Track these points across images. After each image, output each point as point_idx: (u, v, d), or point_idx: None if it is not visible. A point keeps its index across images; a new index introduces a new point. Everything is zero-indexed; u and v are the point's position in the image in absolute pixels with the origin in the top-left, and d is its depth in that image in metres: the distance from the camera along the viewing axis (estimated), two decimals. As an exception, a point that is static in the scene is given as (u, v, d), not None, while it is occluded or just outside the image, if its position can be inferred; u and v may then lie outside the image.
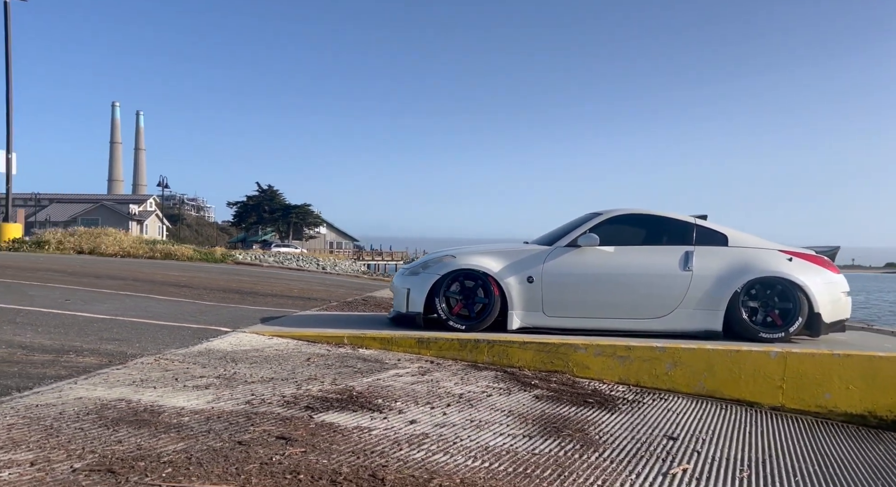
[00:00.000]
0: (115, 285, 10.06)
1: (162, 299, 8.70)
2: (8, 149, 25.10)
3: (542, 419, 4.26)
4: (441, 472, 2.97)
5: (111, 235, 22.94)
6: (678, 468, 3.58)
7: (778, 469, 3.88)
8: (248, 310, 8.22)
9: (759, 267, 6.36)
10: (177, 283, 11.25)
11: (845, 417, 5.87)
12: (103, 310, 6.99)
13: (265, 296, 10.39)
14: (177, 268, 15.29)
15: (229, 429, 3.24)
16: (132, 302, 7.99)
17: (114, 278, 11.25)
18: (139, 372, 4.27)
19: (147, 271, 13.25)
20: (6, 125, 25.19)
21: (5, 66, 25.44)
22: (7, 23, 25.57)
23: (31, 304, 7.09)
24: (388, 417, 3.84)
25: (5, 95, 25.15)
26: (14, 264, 12.88)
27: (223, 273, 14.72)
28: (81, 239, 22.40)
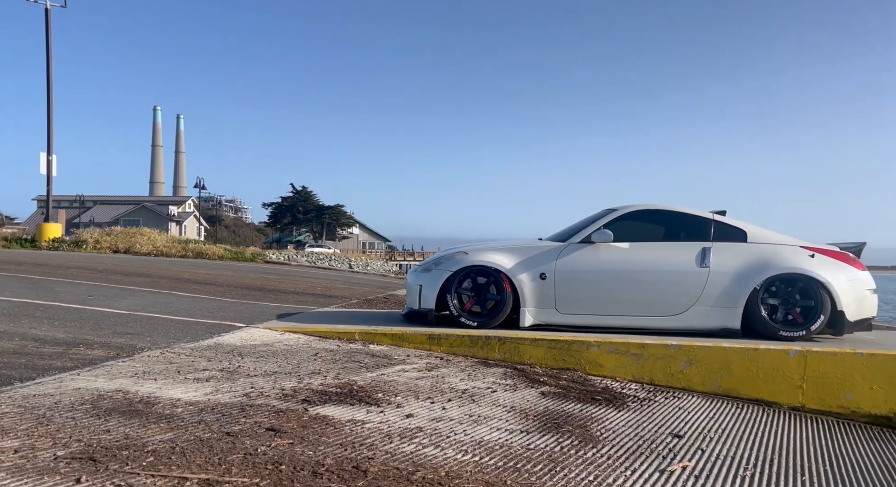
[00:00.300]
0: (141, 282, 10.20)
1: (184, 295, 8.79)
2: (48, 151, 25.68)
3: (543, 415, 4.19)
4: (427, 465, 2.93)
5: (146, 234, 23.35)
6: (677, 465, 3.49)
7: (785, 468, 3.76)
8: (267, 307, 8.26)
9: (779, 264, 6.20)
10: (202, 280, 11.37)
11: (869, 418, 5.69)
12: (123, 306, 7.08)
13: (287, 294, 10.44)
14: (206, 266, 15.47)
15: (221, 420, 3.24)
16: (154, 298, 8.08)
17: (141, 275, 11.41)
18: (143, 365, 4.30)
19: (175, 270, 13.42)
20: (47, 129, 25.78)
21: (46, 71, 26.04)
22: (48, 29, 26.18)
23: (55, 299, 7.21)
24: (385, 411, 3.81)
25: (46, 100, 25.76)
26: (49, 263, 13.14)
27: (250, 272, 14.84)
28: (117, 239, 22.84)
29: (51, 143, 25.56)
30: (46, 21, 26.06)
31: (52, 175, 25.54)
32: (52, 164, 25.55)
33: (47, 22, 26.06)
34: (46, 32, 26.10)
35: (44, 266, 11.92)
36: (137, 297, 8.08)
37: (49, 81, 25.94)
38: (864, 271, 6.37)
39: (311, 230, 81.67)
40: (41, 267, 11.62)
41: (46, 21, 26.06)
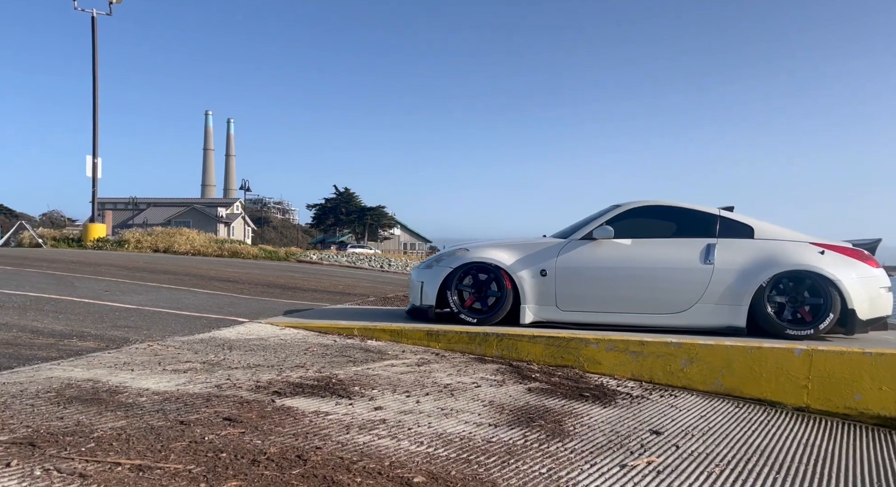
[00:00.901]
0: (164, 279, 10.41)
1: (201, 292, 8.94)
2: (94, 154, 26.42)
3: (520, 409, 4.15)
4: (375, 455, 2.92)
5: (184, 234, 23.81)
6: (643, 460, 3.42)
7: (761, 466, 3.65)
8: (281, 303, 8.35)
9: (786, 260, 6.04)
10: (226, 278, 11.55)
11: (878, 420, 5.50)
12: (135, 301, 7.23)
13: (306, 291, 10.54)
14: (236, 265, 15.72)
15: (181, 410, 3.28)
16: (169, 294, 8.24)
17: (167, 273, 11.65)
18: (127, 356, 4.38)
19: (203, 268, 13.66)
20: (92, 133, 26.52)
21: (92, 77, 26.79)
22: (94, 36, 26.93)
23: (71, 294, 7.40)
24: (355, 403, 3.81)
25: (92, 105, 26.51)
26: (84, 260, 13.50)
27: (278, 270, 15.03)
28: (157, 239, 23.36)
29: (96, 146, 26.30)
30: (93, 29, 26.82)
31: (97, 177, 26.28)
32: (98, 166, 26.29)
33: (93, 30, 26.81)
34: (93, 40, 26.85)
35: (77, 264, 12.25)
36: (153, 293, 8.24)
37: (95, 86, 26.67)
38: (878, 269, 6.16)
39: (354, 231, 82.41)
40: (74, 264, 11.95)
41: (93, 29, 26.82)
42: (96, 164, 25.97)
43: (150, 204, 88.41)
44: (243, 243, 27.21)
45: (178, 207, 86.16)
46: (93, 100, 26.38)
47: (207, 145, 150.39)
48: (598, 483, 3.00)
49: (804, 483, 3.46)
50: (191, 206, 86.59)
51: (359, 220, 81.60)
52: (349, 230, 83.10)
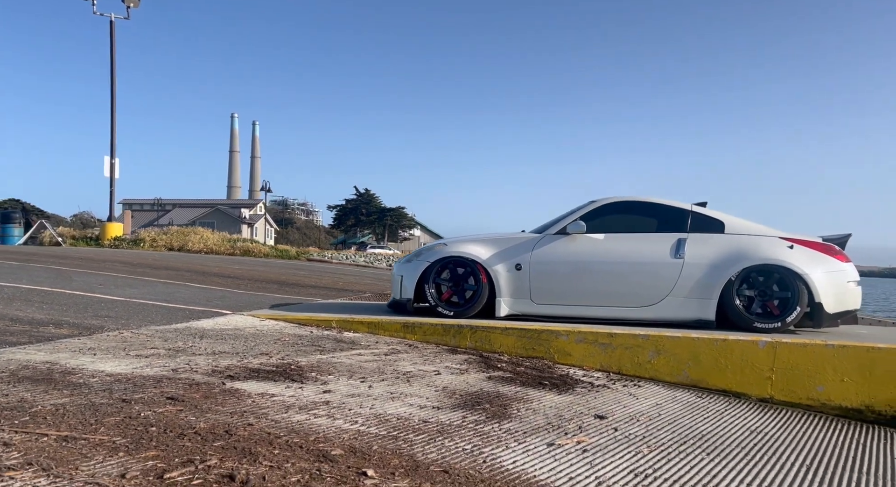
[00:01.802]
0: (164, 274, 10.69)
1: (197, 286, 9.19)
2: (111, 155, 26.94)
3: (472, 395, 4.30)
4: (304, 432, 3.09)
5: (198, 233, 24.24)
6: (572, 440, 3.57)
7: (695, 448, 3.77)
8: (272, 298, 8.57)
9: (755, 255, 6.14)
10: (228, 274, 11.81)
11: (840, 411, 5.58)
12: (126, 294, 7.48)
13: (305, 287, 10.76)
14: (244, 263, 16.00)
15: (127, 390, 3.47)
16: (163, 288, 8.49)
17: (170, 269, 11.93)
18: (95, 342, 4.60)
19: (209, 265, 13.95)
20: (110, 134, 27.05)
21: (110, 80, 27.32)
22: (112, 40, 27.45)
23: (65, 287, 7.66)
24: (305, 387, 3.99)
25: (110, 107, 27.03)
26: (93, 257, 13.84)
27: (284, 268, 15.29)
28: (172, 237, 23.81)
29: (114, 147, 26.82)
30: (111, 33, 27.35)
31: (114, 177, 26.80)
32: (115, 167, 26.81)
33: (111, 34, 27.33)
34: (111, 43, 27.37)
35: (84, 260, 12.58)
36: (147, 287, 8.49)
37: (112, 89, 27.20)
38: (847, 263, 6.24)
39: (374, 232, 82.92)
40: (81, 261, 12.28)
41: (111, 33, 27.35)
42: (114, 164, 26.49)
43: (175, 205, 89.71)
44: (255, 241, 27.59)
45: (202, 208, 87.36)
46: (111, 102, 26.90)
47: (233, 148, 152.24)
48: (518, 458, 3.14)
49: (730, 463, 3.57)
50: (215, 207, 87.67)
51: (379, 220, 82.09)
52: (369, 231, 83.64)
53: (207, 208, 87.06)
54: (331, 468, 2.63)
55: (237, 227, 74.72)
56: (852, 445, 4.50)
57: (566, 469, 3.11)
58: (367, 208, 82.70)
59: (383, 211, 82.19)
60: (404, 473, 2.71)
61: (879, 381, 5.52)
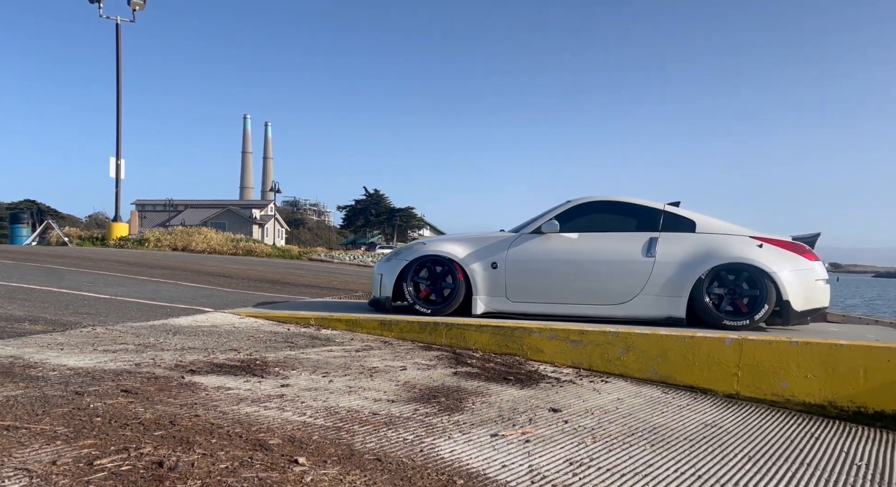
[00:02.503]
0: (158, 273, 10.87)
1: (187, 285, 9.35)
2: (117, 156, 27.26)
3: (431, 389, 4.42)
4: (248, 422, 3.22)
5: (202, 234, 24.49)
6: (518, 431, 3.68)
7: (641, 439, 3.86)
8: (262, 296, 8.71)
9: (724, 253, 6.23)
10: (223, 273, 11.98)
11: (803, 406, 5.67)
12: (113, 292, 7.64)
13: (298, 286, 10.91)
14: (243, 262, 16.18)
15: (84, 383, 3.61)
16: (152, 287, 8.65)
17: (166, 268, 12.12)
18: (66, 338, 4.75)
19: (207, 264, 14.13)
20: (116, 135, 27.37)
21: (116, 82, 27.64)
22: (118, 43, 27.77)
23: (52, 285, 7.83)
24: (264, 381, 4.12)
25: (116, 109, 27.35)
26: (92, 257, 14.05)
27: (283, 267, 15.46)
28: (176, 238, 24.07)
29: (119, 148, 27.15)
30: (117, 36, 27.66)
31: (120, 178, 27.12)
32: (121, 168, 27.14)
33: (117, 37, 27.65)
34: (116, 46, 27.70)
35: (82, 259, 12.79)
36: (137, 285, 8.66)
37: (119, 91, 27.52)
38: (815, 262, 6.32)
39: (384, 232, 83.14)
40: (78, 260, 12.48)
41: (117, 36, 27.66)
42: (119, 165, 26.81)
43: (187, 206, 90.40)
44: (257, 241, 27.80)
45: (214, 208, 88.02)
46: (116, 104, 27.24)
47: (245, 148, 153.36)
48: (457, 448, 3.26)
49: (672, 453, 3.67)
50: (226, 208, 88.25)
51: (388, 221, 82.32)
52: (379, 231, 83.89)
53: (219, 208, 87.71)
54: (264, 456, 2.76)
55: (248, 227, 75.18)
56: (805, 438, 4.59)
57: (502, 457, 3.22)
58: (376, 208, 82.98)
59: (392, 211, 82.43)
60: (337, 461, 2.83)
61: (842, 377, 5.61)
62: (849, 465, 4.01)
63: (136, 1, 27.43)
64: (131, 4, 27.53)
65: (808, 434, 4.76)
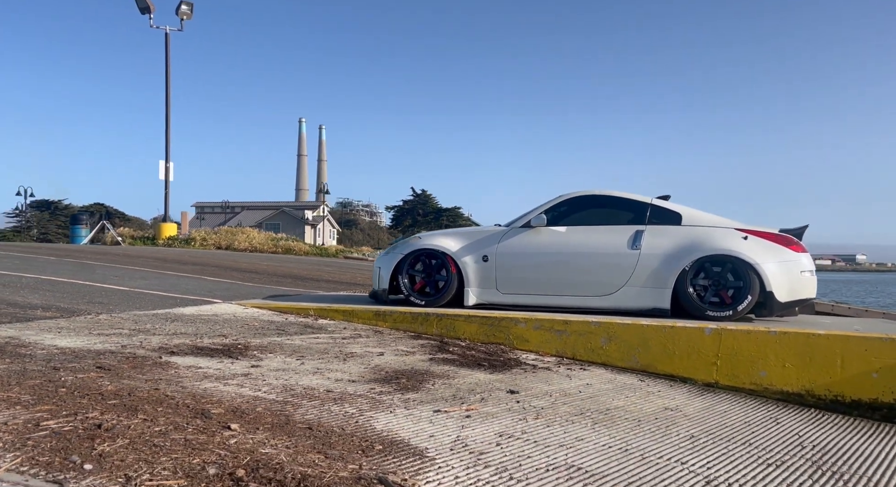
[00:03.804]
0: (188, 269, 11.37)
1: (209, 280, 9.80)
2: (166, 159, 28.24)
3: (398, 372, 4.67)
4: (202, 396, 3.52)
5: (245, 233, 25.26)
6: (461, 408, 3.91)
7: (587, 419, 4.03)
8: (279, 290, 9.09)
9: (708, 245, 6.34)
10: (251, 269, 12.45)
11: (781, 395, 5.75)
12: (134, 285, 8.11)
13: (320, 281, 11.29)
14: (276, 259, 16.69)
15: (65, 360, 3.96)
16: (174, 281, 9.11)
17: (198, 264, 12.64)
18: (68, 323, 5.15)
19: (241, 261, 14.65)
20: (165, 139, 28.36)
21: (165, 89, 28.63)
22: (167, 51, 28.76)
23: (79, 278, 8.34)
24: (237, 362, 4.43)
25: (165, 115, 28.33)
26: (132, 254, 14.71)
27: (314, 264, 15.90)
28: (220, 237, 24.87)
29: (168, 151, 28.13)
30: (166, 45, 28.65)
31: (169, 180, 28.09)
32: (170, 170, 28.11)
33: (166, 45, 28.64)
34: (166, 55, 28.69)
35: (122, 256, 13.43)
36: (161, 279, 9.13)
37: (167, 98, 28.50)
38: (801, 253, 6.37)
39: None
40: (118, 257, 13.11)
41: (166, 45, 28.65)
42: (168, 168, 27.78)
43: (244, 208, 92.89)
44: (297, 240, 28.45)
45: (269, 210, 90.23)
46: (165, 110, 28.22)
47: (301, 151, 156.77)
48: (393, 420, 3.50)
49: (610, 430, 3.85)
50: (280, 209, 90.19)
51: (435, 220, 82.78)
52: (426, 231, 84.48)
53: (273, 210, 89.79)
54: (201, 422, 3.06)
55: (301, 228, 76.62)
56: (764, 423, 4.68)
57: (434, 429, 3.45)
58: (423, 208, 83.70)
59: (439, 211, 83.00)
60: (269, 428, 3.11)
61: (819, 366, 5.68)
62: (794, 446, 4.12)
63: (183, 10, 28.39)
64: (179, 14, 28.53)
65: (770, 420, 4.87)
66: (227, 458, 2.62)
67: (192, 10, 28.74)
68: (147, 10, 28.22)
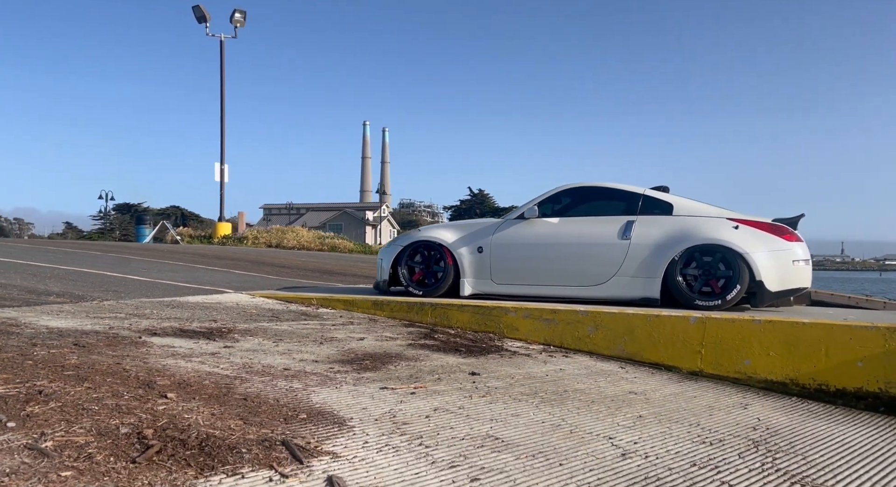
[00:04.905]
0: (221, 263, 11.83)
1: (236, 273, 10.20)
2: (221, 161, 29.19)
3: (367, 354, 4.85)
4: (155, 370, 3.75)
5: (295, 232, 25.96)
6: (409, 386, 4.08)
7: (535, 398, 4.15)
8: (300, 283, 9.42)
9: (698, 235, 6.35)
10: (283, 264, 12.86)
11: (765, 384, 5.74)
12: (157, 276, 8.53)
13: (346, 276, 11.60)
14: (316, 256, 17.14)
15: (48, 337, 4.28)
16: (201, 274, 9.52)
17: (234, 259, 13.13)
18: (71, 307, 5.52)
19: (278, 257, 15.12)
20: (220, 143, 29.33)
21: (220, 94, 29.60)
22: (222, 58, 29.71)
23: (110, 270, 8.81)
24: (212, 343, 4.69)
25: (220, 119, 29.29)
26: (178, 250, 15.34)
27: (348, 261, 16.26)
28: (271, 235, 25.62)
29: (223, 154, 29.09)
30: (221, 52, 29.60)
31: (224, 182, 29.04)
32: (225, 172, 29.06)
33: (221, 53, 29.59)
34: (221, 61, 29.66)
35: (167, 252, 14.03)
36: (187, 272, 9.56)
37: (222, 103, 29.49)
38: (795, 242, 6.32)
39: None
40: (162, 253, 13.71)
41: (221, 52, 29.60)
42: (223, 170, 28.74)
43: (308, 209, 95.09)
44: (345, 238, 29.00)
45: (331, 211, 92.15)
46: (220, 114, 29.20)
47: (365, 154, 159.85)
48: (333, 395, 3.69)
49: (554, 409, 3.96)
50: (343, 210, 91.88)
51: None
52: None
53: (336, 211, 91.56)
54: (142, 392, 3.31)
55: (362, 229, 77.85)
56: (728, 408, 4.71)
57: (370, 403, 3.63)
58: (480, 208, 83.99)
59: (496, 211, 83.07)
60: (206, 398, 3.35)
61: (803, 355, 5.64)
62: (745, 429, 4.15)
63: (237, 18, 29.35)
64: (233, 22, 29.49)
65: (739, 405, 4.88)
66: (146, 421, 2.86)
67: (244, 18, 29.68)
68: (203, 19, 29.30)
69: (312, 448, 2.84)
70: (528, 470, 2.93)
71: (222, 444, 2.70)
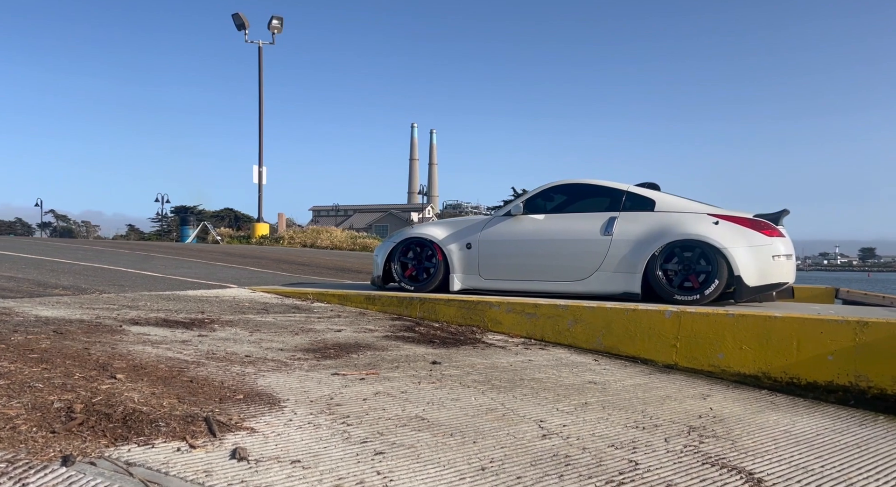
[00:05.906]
0: (243, 261, 12.22)
1: (250, 269, 10.54)
2: (259, 164, 29.85)
3: (335, 345, 5.07)
4: (118, 355, 4.00)
5: (330, 232, 26.46)
6: (360, 372, 4.28)
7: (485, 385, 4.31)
8: (308, 279, 9.71)
9: (678, 231, 6.42)
10: (303, 263, 13.20)
11: (738, 377, 5.79)
12: (169, 272, 8.90)
13: (357, 272, 11.87)
14: (342, 255, 17.49)
15: (33, 325, 4.58)
16: (215, 270, 9.88)
17: (259, 258, 13.52)
18: (71, 299, 5.85)
19: (302, 256, 15.48)
20: (258, 146, 29.99)
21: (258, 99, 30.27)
22: (260, 64, 30.39)
23: (129, 267, 9.21)
24: (188, 332, 4.96)
25: (258, 124, 29.97)
26: (208, 250, 15.81)
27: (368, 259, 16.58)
28: (306, 236, 26.15)
29: (261, 157, 29.74)
30: (259, 58, 30.27)
31: (262, 184, 29.69)
32: (263, 175, 29.72)
33: (260, 58, 30.26)
34: (259, 67, 30.32)
35: (197, 251, 14.50)
36: (202, 269, 9.93)
37: (260, 107, 30.16)
38: (775, 238, 6.34)
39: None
40: (192, 251, 14.18)
41: (259, 58, 30.27)
42: (261, 172, 29.38)
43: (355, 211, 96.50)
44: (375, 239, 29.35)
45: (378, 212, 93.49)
46: (259, 119, 29.88)
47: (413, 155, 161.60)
48: (279, 380, 3.89)
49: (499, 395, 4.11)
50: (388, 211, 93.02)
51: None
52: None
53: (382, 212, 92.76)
54: (94, 373, 3.58)
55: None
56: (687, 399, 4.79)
57: (314, 387, 3.83)
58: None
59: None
60: (153, 380, 3.60)
61: (775, 349, 5.68)
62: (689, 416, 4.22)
63: (274, 25, 29.99)
64: (270, 28, 30.14)
65: (698, 396, 4.94)
66: (83, 397, 3.11)
67: (282, 25, 30.31)
68: (243, 26, 30.01)
69: (233, 424, 3.05)
70: (437, 446, 3.09)
71: (145, 419, 2.93)
